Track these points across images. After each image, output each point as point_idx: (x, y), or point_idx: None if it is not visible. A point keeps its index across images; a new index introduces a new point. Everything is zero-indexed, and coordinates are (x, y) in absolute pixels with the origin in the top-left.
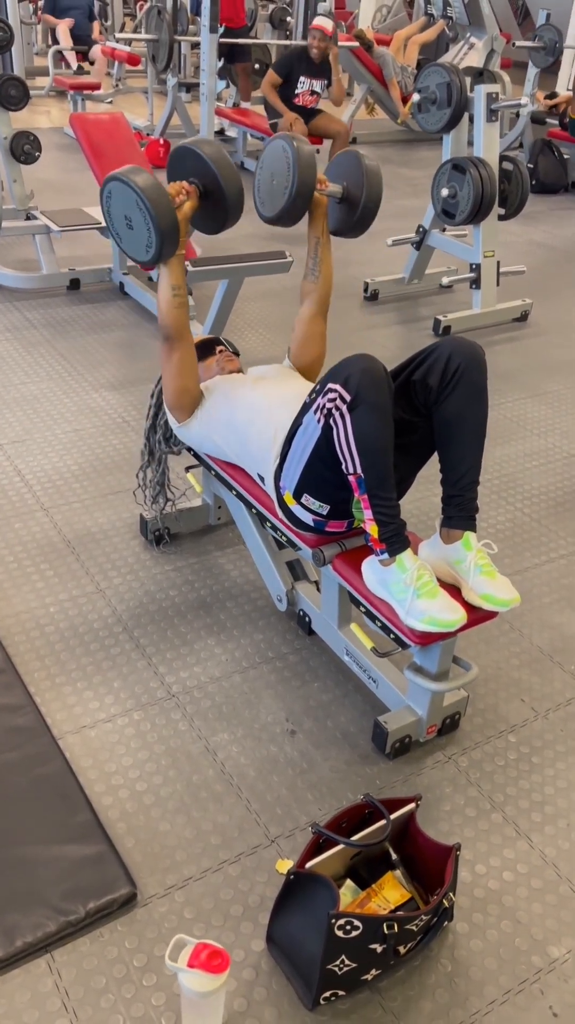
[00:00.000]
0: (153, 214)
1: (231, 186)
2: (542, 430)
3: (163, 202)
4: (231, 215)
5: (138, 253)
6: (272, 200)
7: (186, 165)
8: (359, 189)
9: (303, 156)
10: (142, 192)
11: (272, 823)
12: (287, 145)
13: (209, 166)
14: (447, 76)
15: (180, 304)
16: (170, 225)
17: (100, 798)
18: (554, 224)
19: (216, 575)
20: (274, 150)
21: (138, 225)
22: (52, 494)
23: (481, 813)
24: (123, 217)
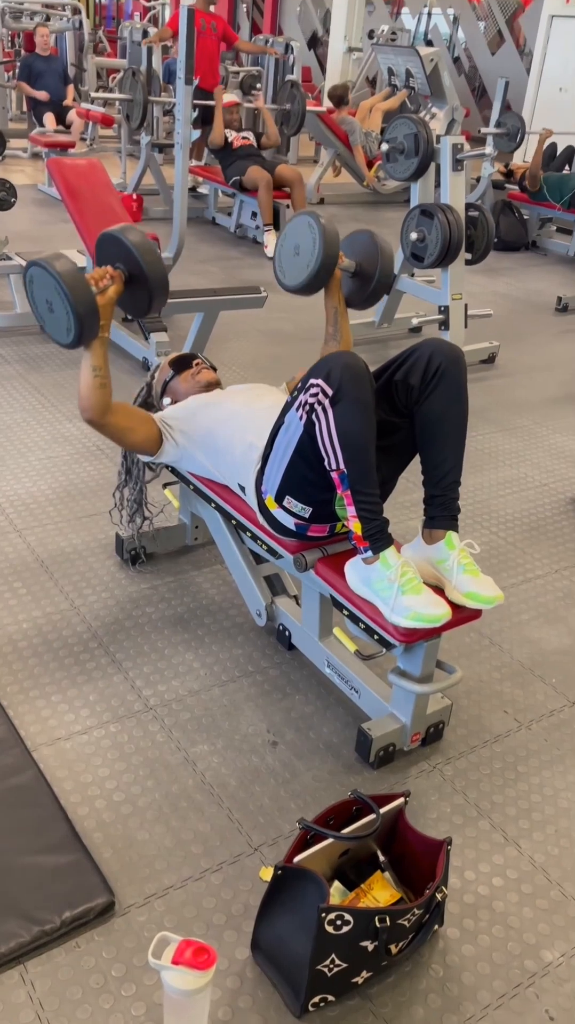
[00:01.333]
0: (71, 299)
1: (154, 273)
2: (513, 461)
3: (81, 288)
4: (155, 300)
5: (60, 336)
6: (295, 272)
7: (113, 251)
8: (373, 266)
9: (329, 234)
10: (61, 278)
11: (255, 831)
12: (314, 222)
13: (133, 253)
14: (414, 127)
15: (101, 385)
16: (88, 310)
17: (76, 808)
18: (516, 278)
19: (193, 593)
20: (299, 225)
21: (58, 309)
22: (25, 516)
23: (468, 820)
24: (45, 301)
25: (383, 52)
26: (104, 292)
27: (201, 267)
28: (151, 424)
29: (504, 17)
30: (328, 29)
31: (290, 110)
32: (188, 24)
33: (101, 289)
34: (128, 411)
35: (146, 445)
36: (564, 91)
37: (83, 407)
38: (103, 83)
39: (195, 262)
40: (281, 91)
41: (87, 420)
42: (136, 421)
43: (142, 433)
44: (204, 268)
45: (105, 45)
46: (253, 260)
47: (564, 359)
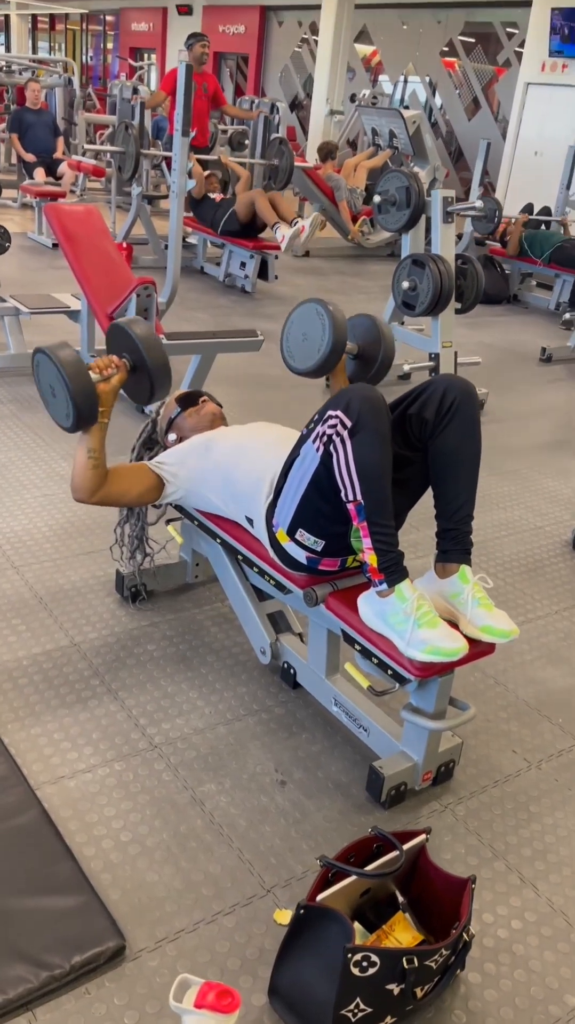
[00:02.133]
0: (70, 387)
1: (157, 365)
2: (507, 504)
3: (81, 378)
4: (157, 391)
5: (61, 419)
6: (303, 356)
7: (120, 341)
8: (375, 349)
9: (338, 323)
10: (63, 368)
11: (267, 872)
12: (322, 310)
13: (137, 345)
14: (406, 181)
15: (95, 467)
16: (86, 399)
17: (82, 848)
18: (500, 329)
19: (195, 631)
20: (307, 312)
21: (60, 395)
22: (23, 553)
23: (483, 862)
24: (48, 386)
25: (367, 113)
26: (108, 380)
27: (191, 314)
28: (147, 476)
29: (480, 85)
30: (309, 93)
31: (278, 165)
32: (187, 79)
33: (106, 377)
34: (119, 475)
35: (146, 497)
36: (539, 155)
37: (74, 487)
38: (90, 138)
39: (185, 309)
40: (270, 147)
41: (77, 500)
42: (129, 481)
43: (138, 490)
44: (194, 315)
45: (94, 102)
46: (243, 308)
47: (551, 407)
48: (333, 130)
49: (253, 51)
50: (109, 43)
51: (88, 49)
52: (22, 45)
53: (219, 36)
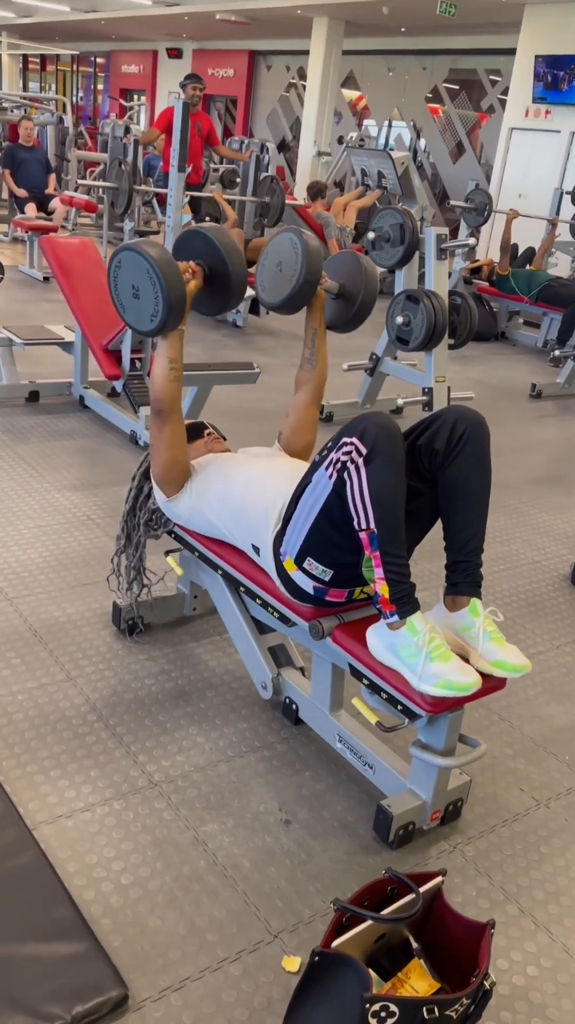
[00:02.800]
0: (163, 284)
1: (237, 270)
2: (505, 538)
3: (175, 274)
4: (234, 298)
5: (141, 323)
6: (277, 288)
7: (194, 247)
8: (357, 287)
9: (311, 248)
10: (155, 263)
11: (273, 917)
12: (295, 238)
13: (218, 249)
14: (400, 218)
15: (176, 378)
16: (179, 297)
17: (81, 892)
18: (489, 365)
19: (194, 664)
20: (282, 242)
21: (146, 295)
22: (16, 585)
23: (495, 905)
24: (130, 287)
25: (357, 155)
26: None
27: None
28: (188, 458)
29: (464, 129)
30: (296, 135)
31: (270, 203)
32: (183, 116)
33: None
34: (184, 430)
35: (178, 473)
36: (523, 197)
37: (156, 397)
38: (81, 175)
39: None
40: (262, 185)
41: (157, 410)
42: (184, 443)
43: (183, 455)
44: (186, 348)
45: (85, 139)
46: (234, 342)
47: (543, 442)
48: (320, 171)
49: (242, 94)
50: (99, 84)
51: (79, 89)
52: (13, 84)
53: (208, 79)
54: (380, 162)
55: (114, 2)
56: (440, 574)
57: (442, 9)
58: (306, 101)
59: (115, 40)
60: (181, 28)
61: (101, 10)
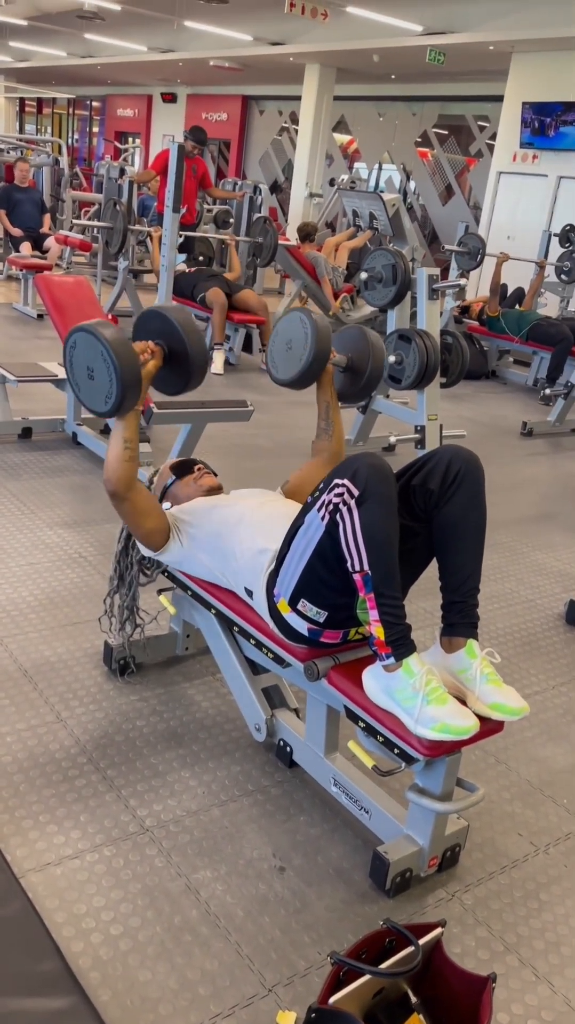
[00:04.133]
0: (118, 366)
1: (197, 351)
2: (498, 577)
3: (129, 356)
4: (194, 379)
5: (96, 404)
6: (287, 365)
7: (153, 327)
8: (364, 361)
9: (321, 329)
10: (109, 345)
11: (267, 969)
12: (305, 318)
13: (177, 330)
14: (392, 259)
15: (131, 457)
16: (133, 379)
17: (69, 943)
18: (479, 404)
19: (186, 706)
20: (291, 321)
21: (100, 377)
22: (7, 624)
23: (495, 955)
24: (85, 367)
25: (348, 196)
26: (144, 366)
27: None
28: (164, 517)
29: (453, 173)
30: (288, 177)
31: (263, 243)
32: (179, 158)
33: (142, 363)
34: (147, 495)
35: (156, 536)
36: (512, 239)
37: (109, 478)
38: (76, 215)
39: None
40: (254, 226)
41: (111, 492)
42: (153, 508)
43: (155, 521)
44: None
45: (80, 180)
46: (227, 379)
47: (534, 480)
48: (312, 212)
49: (235, 137)
50: (95, 126)
51: (74, 131)
52: (9, 126)
53: (202, 122)
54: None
55: (110, 48)
56: (435, 613)
57: (431, 57)
58: (298, 144)
59: (111, 84)
60: (175, 73)
61: (97, 56)
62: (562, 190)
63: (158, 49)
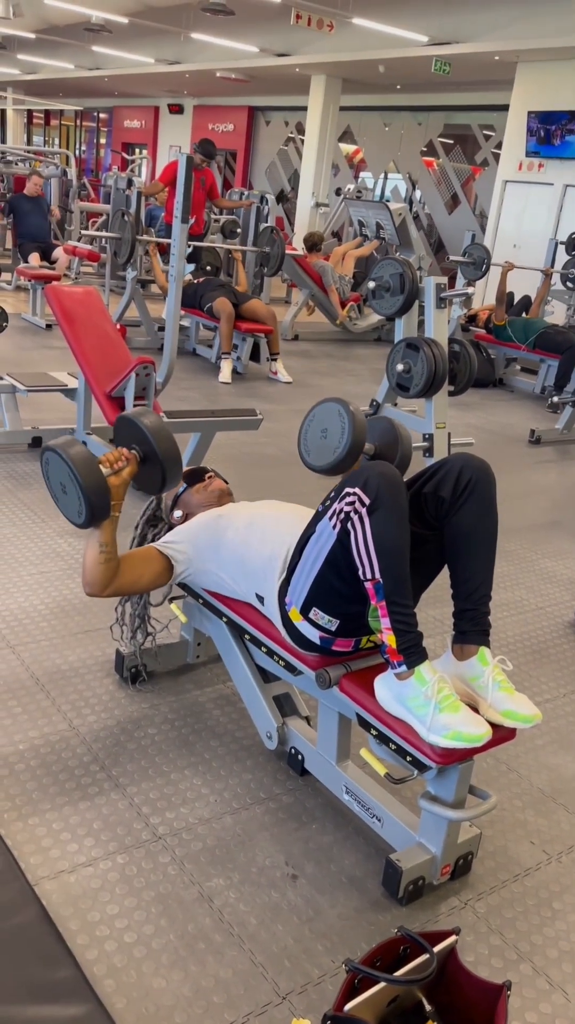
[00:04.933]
0: (83, 487)
1: (167, 455)
2: (508, 585)
3: (93, 476)
4: (168, 480)
5: (72, 516)
6: (320, 454)
7: (129, 433)
8: (392, 451)
9: (358, 424)
10: (73, 465)
11: (281, 977)
12: (343, 411)
13: (147, 436)
14: (400, 267)
15: (107, 560)
16: (99, 496)
17: (84, 951)
18: (487, 412)
19: (197, 713)
20: (329, 411)
21: (71, 492)
22: (19, 632)
23: (509, 964)
24: (59, 483)
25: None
26: (119, 473)
27: (184, 394)
28: (156, 560)
29: (459, 182)
30: (294, 187)
31: (270, 253)
32: (187, 170)
33: (116, 470)
34: (130, 563)
35: (157, 581)
36: (518, 247)
37: (87, 582)
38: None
39: (179, 389)
40: (262, 235)
41: (90, 595)
42: (140, 569)
43: (149, 576)
44: (187, 395)
45: (88, 191)
46: (235, 389)
47: (543, 487)
48: (319, 221)
49: (241, 147)
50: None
51: (82, 143)
52: (17, 138)
53: (209, 133)
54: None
55: (117, 60)
56: (446, 621)
57: (436, 67)
58: (304, 154)
59: (118, 96)
60: (182, 85)
61: (104, 68)
62: (568, 198)
63: (165, 61)
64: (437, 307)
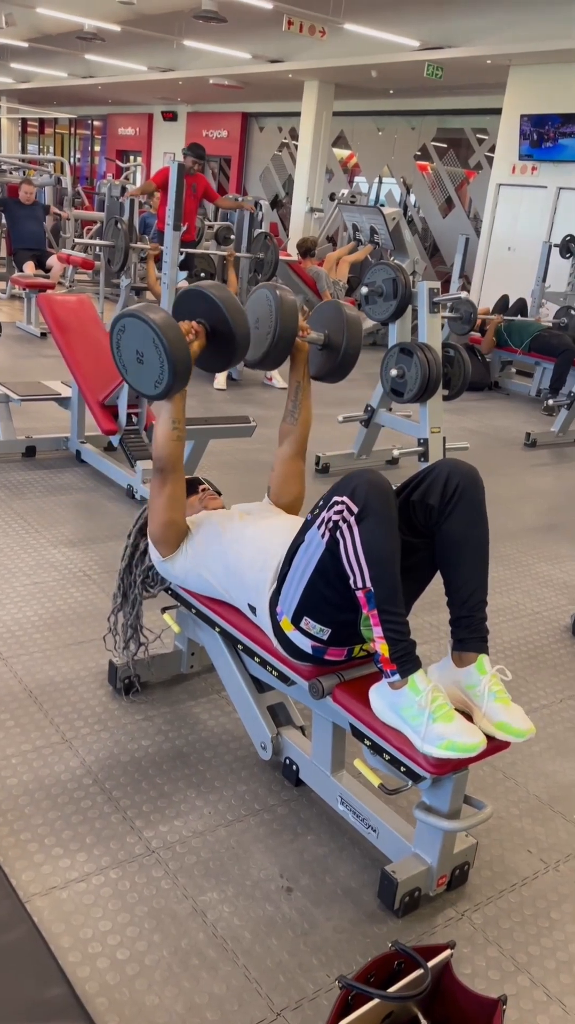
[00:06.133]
0: (169, 351)
1: (240, 327)
2: (504, 589)
3: (179, 340)
4: (238, 354)
5: (146, 387)
6: (256, 344)
7: (194, 306)
8: (340, 336)
9: (285, 303)
10: (159, 329)
11: (275, 993)
12: (270, 294)
13: (220, 307)
14: (392, 273)
15: (179, 437)
16: (184, 363)
17: (75, 969)
18: (482, 415)
19: (191, 724)
20: (258, 298)
21: (150, 361)
22: (11, 644)
23: (506, 975)
24: (134, 352)
25: (349, 211)
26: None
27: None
28: (185, 519)
29: (453, 185)
30: (289, 192)
31: (264, 258)
32: (179, 177)
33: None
34: (183, 488)
35: (175, 533)
36: (512, 250)
37: (159, 456)
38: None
39: None
40: (255, 241)
41: (159, 468)
42: (183, 502)
43: (181, 519)
44: None
45: (82, 199)
46: (230, 395)
47: (539, 491)
48: (313, 226)
49: (235, 153)
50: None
51: (76, 151)
52: (11, 146)
53: (203, 140)
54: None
55: (110, 68)
56: (441, 627)
57: (429, 72)
58: (298, 160)
59: (112, 104)
60: (176, 92)
61: (98, 76)
62: (561, 201)
63: (158, 68)
64: (430, 311)
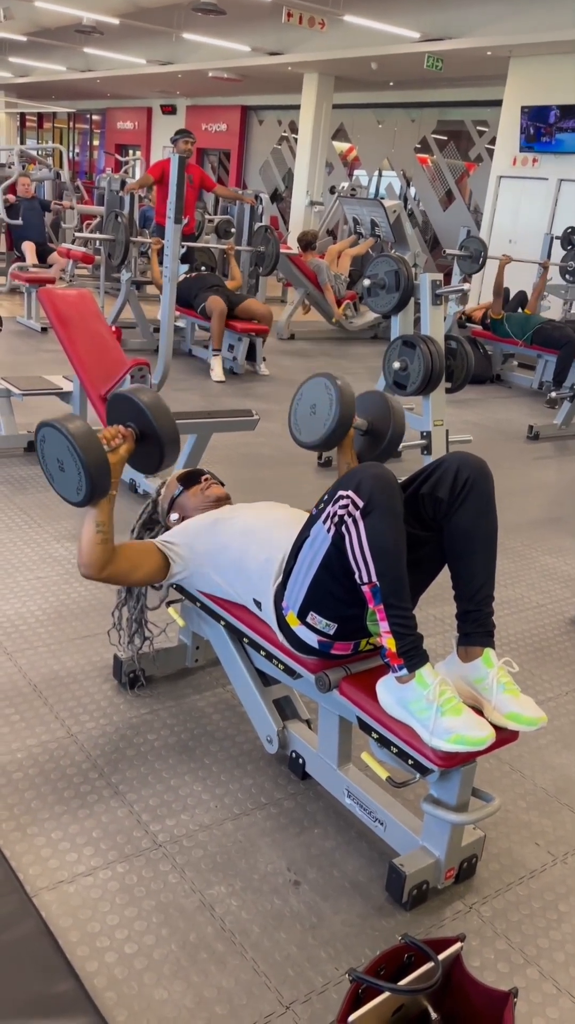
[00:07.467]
0: (84, 461)
1: (167, 432)
2: (509, 582)
3: (95, 449)
4: (167, 458)
5: (70, 494)
6: (310, 429)
7: (124, 410)
8: (385, 425)
9: (346, 396)
10: (74, 439)
11: (284, 986)
12: (330, 384)
13: (145, 413)
14: (395, 265)
15: (103, 541)
16: (100, 470)
17: (84, 963)
18: (484, 408)
19: (197, 718)
20: (316, 386)
21: (70, 469)
22: (15, 638)
23: (515, 968)
24: (56, 460)
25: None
26: (116, 451)
27: (181, 395)
28: (154, 554)
29: (453, 178)
30: (289, 186)
31: (264, 252)
32: (179, 170)
33: (113, 448)
34: (128, 552)
35: (153, 577)
36: (513, 242)
37: (82, 562)
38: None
39: (175, 391)
40: (256, 234)
41: (85, 576)
42: (138, 559)
43: (146, 568)
44: (184, 396)
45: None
46: (231, 389)
47: (542, 484)
48: (313, 220)
49: (235, 147)
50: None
51: (75, 145)
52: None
53: (202, 133)
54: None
55: (109, 61)
56: (447, 620)
57: (429, 64)
58: (298, 153)
59: (110, 98)
60: (174, 85)
61: (96, 69)
62: (562, 193)
63: (157, 61)
64: (433, 304)
